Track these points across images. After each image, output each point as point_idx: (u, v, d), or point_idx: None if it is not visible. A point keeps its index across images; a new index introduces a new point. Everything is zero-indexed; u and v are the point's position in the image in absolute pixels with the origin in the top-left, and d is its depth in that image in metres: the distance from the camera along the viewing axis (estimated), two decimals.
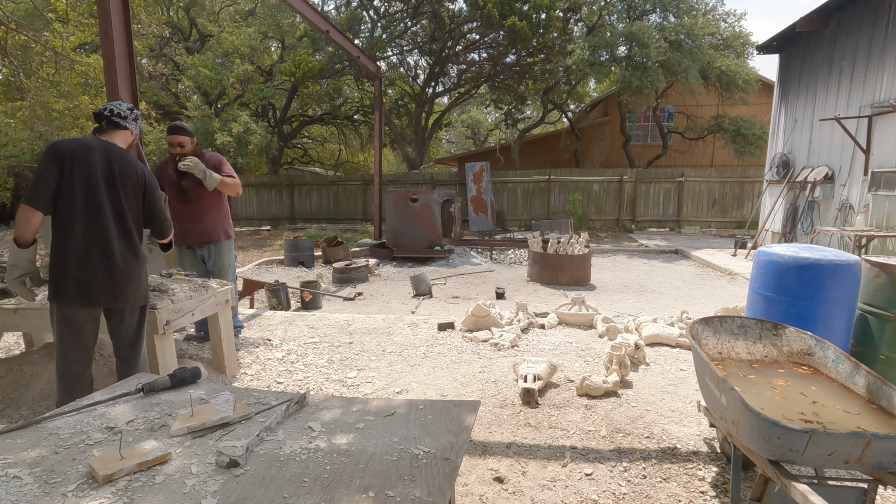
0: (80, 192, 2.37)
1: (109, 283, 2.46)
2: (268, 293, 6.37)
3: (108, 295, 2.48)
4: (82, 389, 2.53)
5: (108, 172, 2.44)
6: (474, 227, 14.80)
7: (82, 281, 2.41)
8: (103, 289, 2.45)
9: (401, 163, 24.75)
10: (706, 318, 2.66)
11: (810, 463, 1.75)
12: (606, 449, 2.72)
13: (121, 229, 2.49)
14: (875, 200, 7.64)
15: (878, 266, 3.20)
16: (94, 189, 2.40)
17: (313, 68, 15.22)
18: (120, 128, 2.58)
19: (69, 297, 2.42)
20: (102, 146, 2.47)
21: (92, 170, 2.39)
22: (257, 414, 1.75)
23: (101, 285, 2.44)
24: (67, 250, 2.40)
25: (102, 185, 2.42)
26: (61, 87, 10.89)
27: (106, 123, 2.55)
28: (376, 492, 1.32)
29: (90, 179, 2.39)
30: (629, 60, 13.50)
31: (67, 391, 2.52)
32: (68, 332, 2.48)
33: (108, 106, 2.59)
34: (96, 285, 2.43)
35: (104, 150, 2.46)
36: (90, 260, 2.41)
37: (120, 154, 2.51)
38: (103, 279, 2.44)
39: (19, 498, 1.28)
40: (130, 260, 2.52)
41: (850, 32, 8.43)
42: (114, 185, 2.45)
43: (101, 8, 3.97)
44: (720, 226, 14.94)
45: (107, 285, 2.45)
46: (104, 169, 2.43)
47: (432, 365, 3.99)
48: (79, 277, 2.41)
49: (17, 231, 2.34)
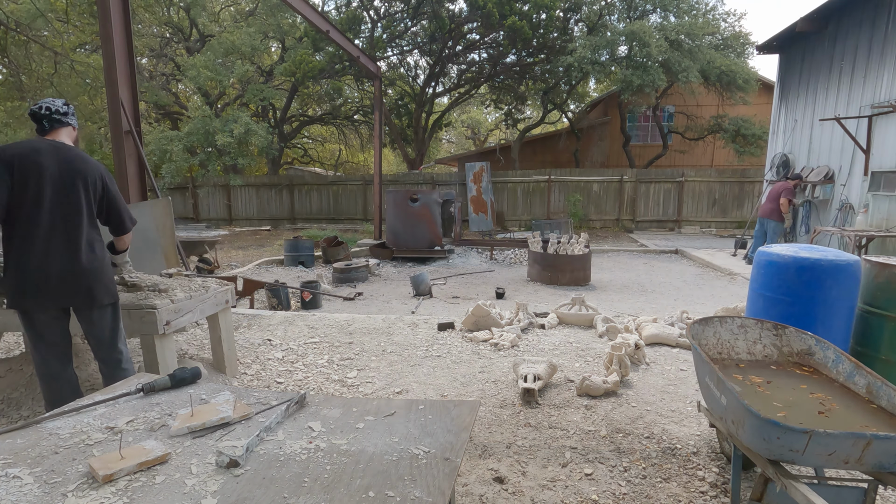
0: (30, 195, 2.30)
1: (64, 282, 2.39)
2: (268, 293, 6.37)
3: (64, 294, 2.41)
4: (65, 387, 2.50)
5: (59, 172, 2.36)
6: (474, 227, 14.81)
7: (37, 284, 2.35)
8: (58, 289, 2.39)
9: (401, 163, 24.76)
10: (706, 319, 2.66)
11: (810, 463, 1.75)
12: (606, 449, 2.72)
13: (75, 228, 2.41)
14: (875, 200, 7.64)
15: (878, 266, 3.20)
16: (43, 191, 2.32)
17: (314, 68, 15.23)
18: (63, 125, 2.50)
19: (25, 301, 2.37)
20: (51, 146, 2.39)
21: (42, 172, 2.31)
22: (257, 414, 1.75)
23: (56, 285, 2.38)
24: (20, 255, 2.34)
25: (53, 186, 2.34)
26: (61, 87, 10.90)
27: (48, 122, 2.45)
28: (376, 492, 1.32)
29: (40, 182, 2.31)
30: (630, 60, 13.50)
31: (49, 389, 2.51)
32: (34, 335, 2.45)
33: (43, 104, 2.48)
34: (50, 286, 2.37)
35: (54, 151, 2.38)
36: (43, 262, 2.35)
37: (71, 152, 2.43)
38: (57, 279, 2.37)
39: (19, 498, 1.29)
40: (88, 258, 2.44)
41: (850, 32, 8.43)
42: (67, 185, 2.38)
43: (101, 8, 3.97)
44: (720, 226, 14.94)
45: (62, 285, 2.39)
46: (55, 169, 2.35)
47: (432, 365, 3.99)
48: (33, 281, 2.35)
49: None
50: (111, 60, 4.02)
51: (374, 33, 16.06)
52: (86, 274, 2.43)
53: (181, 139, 14.03)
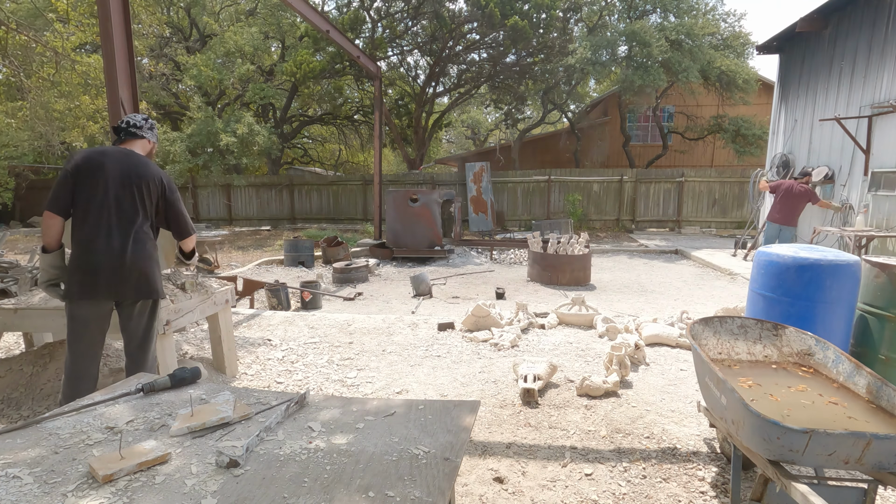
0: (89, 194, 2.50)
1: (111, 276, 2.52)
2: (268, 293, 6.37)
3: (110, 288, 2.54)
4: (86, 386, 2.58)
5: (120, 174, 2.56)
6: (474, 227, 14.81)
7: (86, 276, 2.50)
8: (105, 282, 2.52)
9: (401, 163, 24.76)
10: (706, 319, 2.66)
11: (810, 463, 1.75)
12: (606, 449, 2.72)
13: (128, 226, 2.56)
14: (875, 200, 7.63)
15: (878, 266, 3.20)
16: (103, 190, 2.52)
17: (314, 68, 15.22)
18: (137, 137, 2.75)
19: (74, 292, 2.51)
20: (119, 151, 2.63)
21: (103, 172, 2.52)
22: (257, 414, 1.75)
23: (103, 279, 2.51)
24: (76, 249, 2.51)
25: (113, 186, 2.53)
26: (62, 87, 10.89)
27: (124, 134, 2.73)
28: (376, 492, 1.32)
29: (99, 182, 2.51)
30: (630, 60, 13.50)
31: (71, 387, 2.58)
32: (73, 327, 2.57)
33: (126, 118, 2.78)
34: (98, 279, 2.51)
35: (120, 155, 2.61)
36: (93, 256, 2.49)
37: (136, 158, 2.65)
38: (106, 273, 2.51)
39: (19, 498, 1.28)
40: (136, 253, 2.57)
41: (850, 32, 8.43)
42: (126, 186, 2.56)
43: (101, 8, 3.97)
44: (720, 226, 14.94)
45: (109, 279, 2.52)
46: (117, 171, 2.55)
47: (432, 365, 3.99)
48: (83, 272, 2.50)
49: (42, 237, 2.53)
50: (111, 60, 4.02)
51: (374, 33, 16.06)
52: (132, 266, 2.56)
53: (183, 140, 14.02)
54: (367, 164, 24.78)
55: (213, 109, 15.41)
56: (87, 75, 10.50)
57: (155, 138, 2.87)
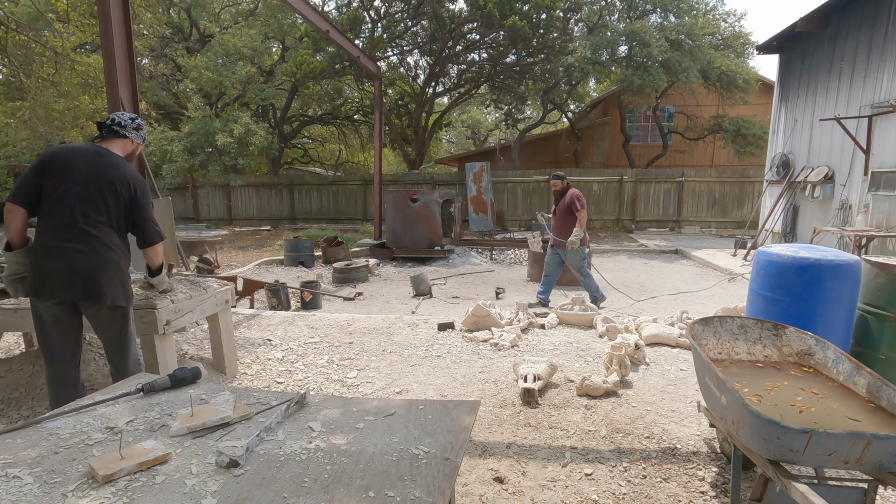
0: (53, 192, 2.41)
1: (62, 278, 2.40)
2: (268, 293, 6.37)
3: (57, 290, 2.42)
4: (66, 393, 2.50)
5: (87, 174, 2.44)
6: (474, 227, 14.80)
7: (38, 275, 2.41)
8: (53, 284, 2.41)
9: (401, 163, 24.75)
10: (706, 319, 2.65)
11: (810, 463, 1.75)
12: (606, 449, 2.72)
13: (88, 227, 2.44)
14: (875, 200, 7.63)
15: (878, 266, 3.19)
16: (66, 190, 2.41)
17: (314, 69, 15.22)
18: (118, 136, 2.63)
19: (31, 291, 2.44)
20: (90, 150, 2.51)
21: (69, 171, 2.42)
22: (257, 414, 1.75)
23: (52, 281, 2.40)
24: (35, 247, 2.44)
25: (77, 185, 2.42)
26: (61, 87, 10.90)
27: (106, 131, 2.62)
28: (376, 492, 1.32)
29: (65, 181, 2.41)
30: (630, 60, 13.49)
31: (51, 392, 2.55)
32: (38, 327, 2.50)
33: (112, 115, 2.68)
34: (48, 280, 2.40)
35: (90, 154, 2.50)
36: (47, 256, 2.40)
37: (107, 158, 2.53)
38: (57, 274, 2.40)
39: (19, 498, 1.28)
40: (101, 256, 2.46)
41: (850, 32, 8.43)
42: (92, 186, 2.44)
43: (101, 8, 3.97)
44: (720, 226, 14.94)
45: (58, 281, 2.40)
46: (83, 171, 2.44)
47: (432, 365, 3.99)
48: (37, 271, 2.41)
49: (5, 231, 2.43)
50: (111, 60, 4.02)
51: (374, 33, 16.05)
52: (81, 270, 2.43)
53: (181, 139, 14.02)
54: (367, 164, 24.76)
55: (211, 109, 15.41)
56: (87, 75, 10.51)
57: (141, 139, 2.73)
